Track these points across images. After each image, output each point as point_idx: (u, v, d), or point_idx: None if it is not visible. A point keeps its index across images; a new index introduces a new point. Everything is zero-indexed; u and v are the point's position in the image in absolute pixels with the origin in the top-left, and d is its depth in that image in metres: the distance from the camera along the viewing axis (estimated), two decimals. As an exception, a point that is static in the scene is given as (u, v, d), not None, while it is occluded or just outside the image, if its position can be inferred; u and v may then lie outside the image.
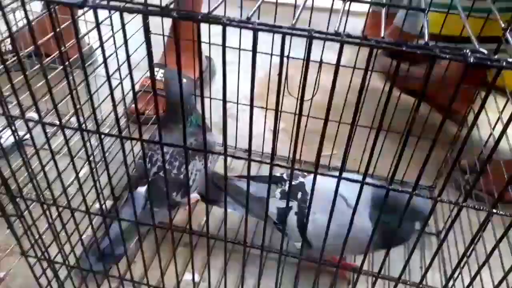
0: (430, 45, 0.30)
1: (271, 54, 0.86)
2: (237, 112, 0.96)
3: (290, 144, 0.98)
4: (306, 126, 0.94)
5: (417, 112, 0.35)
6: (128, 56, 0.38)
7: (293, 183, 0.72)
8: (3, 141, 0.51)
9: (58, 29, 0.42)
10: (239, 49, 0.84)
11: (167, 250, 0.79)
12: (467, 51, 0.29)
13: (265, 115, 0.96)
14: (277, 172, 0.76)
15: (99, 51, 1.06)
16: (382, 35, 0.31)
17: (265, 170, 1.00)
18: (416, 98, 0.37)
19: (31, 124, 0.46)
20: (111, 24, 0.74)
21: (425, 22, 0.33)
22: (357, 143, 0.89)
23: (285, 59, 0.87)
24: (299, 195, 0.70)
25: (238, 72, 0.88)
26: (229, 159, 1.04)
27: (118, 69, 0.78)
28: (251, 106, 0.37)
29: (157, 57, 1.17)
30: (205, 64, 1.29)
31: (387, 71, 1.03)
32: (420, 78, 0.90)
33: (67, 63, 0.69)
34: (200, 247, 0.81)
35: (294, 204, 0.70)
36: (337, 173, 0.41)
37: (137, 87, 1.12)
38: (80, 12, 0.69)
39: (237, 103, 0.93)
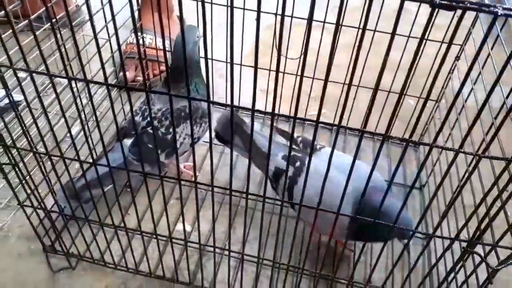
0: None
1: (258, 11, 0.86)
2: (227, 71, 0.96)
3: (274, 97, 0.99)
4: (294, 85, 0.95)
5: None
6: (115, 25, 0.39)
7: (298, 154, 0.74)
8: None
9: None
10: (227, 6, 0.84)
11: (158, 204, 0.82)
12: (433, -8, 0.31)
13: (255, 74, 0.97)
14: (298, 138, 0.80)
15: (85, 11, 1.06)
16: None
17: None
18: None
19: (20, 76, 0.48)
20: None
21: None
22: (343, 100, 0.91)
23: (274, 17, 0.88)
24: (298, 163, 0.72)
25: (226, 31, 0.88)
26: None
27: (106, 26, 0.78)
28: (231, 65, 0.39)
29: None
30: (179, 26, 1.25)
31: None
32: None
33: (54, 20, 0.70)
34: (190, 200, 0.84)
35: (290, 169, 0.72)
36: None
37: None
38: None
39: (226, 61, 0.94)
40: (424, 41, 0.36)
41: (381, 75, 0.39)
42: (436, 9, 0.32)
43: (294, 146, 0.77)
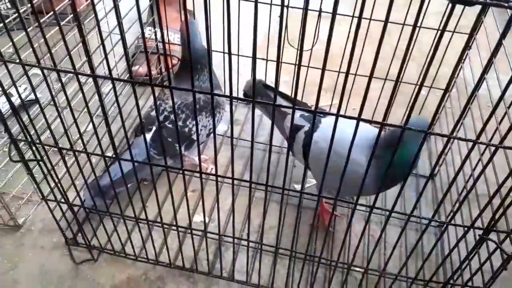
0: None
1: (271, 4, 0.87)
2: (238, 65, 0.97)
3: (292, 89, 1.00)
4: (306, 77, 0.96)
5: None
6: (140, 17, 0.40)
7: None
8: (16, 97, 0.53)
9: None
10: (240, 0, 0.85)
11: (176, 195, 0.84)
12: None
13: (266, 67, 0.98)
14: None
15: (98, 7, 1.06)
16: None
17: (266, 120, 1.03)
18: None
19: (46, 72, 0.49)
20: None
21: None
22: (357, 92, 0.92)
23: (285, 10, 0.89)
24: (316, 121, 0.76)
25: (238, 24, 0.89)
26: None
27: (121, 22, 0.79)
28: (254, 60, 0.40)
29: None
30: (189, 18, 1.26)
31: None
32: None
33: (72, 15, 0.71)
34: (208, 192, 0.86)
35: (306, 125, 0.76)
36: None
37: (133, 48, 1.12)
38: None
39: (238, 55, 0.95)
40: (439, 32, 0.37)
41: (401, 70, 0.40)
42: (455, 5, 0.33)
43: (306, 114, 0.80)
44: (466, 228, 0.53)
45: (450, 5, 0.33)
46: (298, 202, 0.56)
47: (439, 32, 0.37)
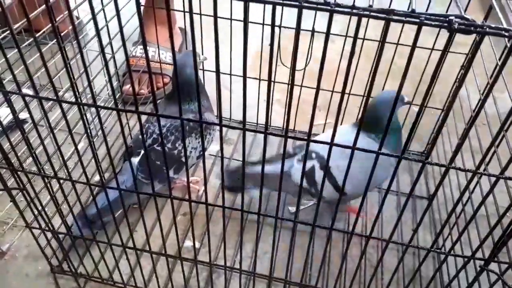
0: (416, 12, 0.31)
1: (263, 24, 0.86)
2: (231, 83, 0.96)
3: (285, 114, 0.99)
4: (299, 96, 0.95)
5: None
6: (121, 29, 0.38)
7: (303, 150, 0.75)
8: (2, 119, 0.51)
9: (49, 3, 0.41)
10: (230, 19, 0.84)
11: (165, 219, 0.81)
12: (452, 17, 0.30)
13: (259, 86, 0.97)
14: (288, 148, 0.79)
15: (88, 26, 1.05)
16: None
17: (259, 139, 1.01)
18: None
19: (27, 100, 0.47)
20: (101, -3, 0.74)
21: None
22: (351, 110, 0.91)
23: (277, 29, 0.87)
24: (314, 155, 0.74)
25: (231, 43, 0.88)
26: (224, 130, 1.05)
27: (110, 42, 0.78)
28: (244, 76, 0.38)
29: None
30: (181, 38, 1.24)
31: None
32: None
33: (59, 37, 0.69)
34: (199, 216, 0.84)
35: (314, 162, 0.73)
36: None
37: (125, 67, 1.10)
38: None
39: (230, 74, 0.94)
40: (435, 53, 0.36)
41: (398, 95, 0.38)
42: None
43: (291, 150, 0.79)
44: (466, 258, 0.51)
45: (449, 34, 0.31)
46: (292, 226, 0.54)
47: (438, 57, 0.35)
